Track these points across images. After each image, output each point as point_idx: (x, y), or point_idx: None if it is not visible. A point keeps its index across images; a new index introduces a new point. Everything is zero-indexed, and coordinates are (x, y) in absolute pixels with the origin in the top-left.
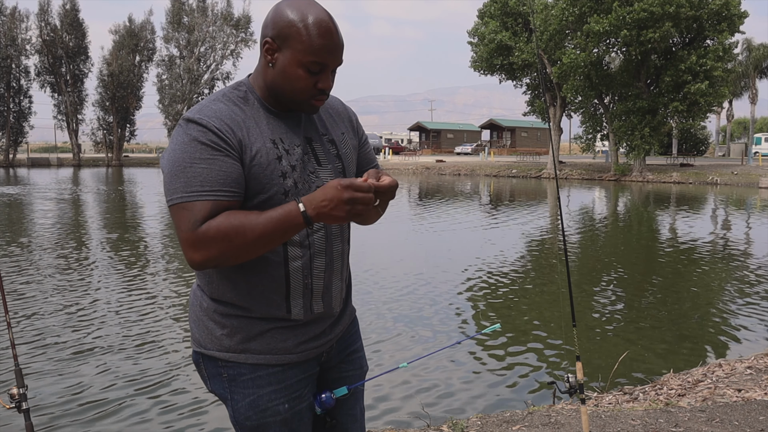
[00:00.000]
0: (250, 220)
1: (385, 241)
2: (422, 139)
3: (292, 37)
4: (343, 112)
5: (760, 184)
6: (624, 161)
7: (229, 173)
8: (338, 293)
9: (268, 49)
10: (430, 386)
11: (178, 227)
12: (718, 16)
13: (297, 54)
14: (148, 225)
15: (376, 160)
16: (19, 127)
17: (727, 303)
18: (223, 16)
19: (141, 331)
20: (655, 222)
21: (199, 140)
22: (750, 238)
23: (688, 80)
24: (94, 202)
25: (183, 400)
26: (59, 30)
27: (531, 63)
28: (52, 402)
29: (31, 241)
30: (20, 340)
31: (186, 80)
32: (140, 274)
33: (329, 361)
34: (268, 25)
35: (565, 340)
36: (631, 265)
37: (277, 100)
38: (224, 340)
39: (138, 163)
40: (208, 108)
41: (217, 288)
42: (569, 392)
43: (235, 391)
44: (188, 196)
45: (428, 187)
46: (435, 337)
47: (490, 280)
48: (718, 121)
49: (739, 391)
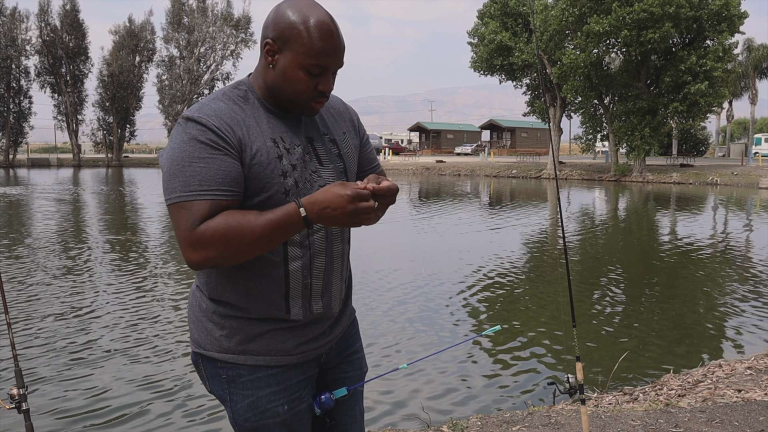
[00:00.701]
0: (249, 221)
1: (384, 241)
2: (422, 139)
3: (293, 40)
4: (344, 112)
5: (760, 184)
6: (624, 162)
7: (228, 172)
8: (338, 294)
9: (268, 51)
10: (430, 387)
11: (176, 226)
12: (717, 17)
13: (298, 56)
14: (149, 226)
15: (377, 160)
16: (19, 128)
17: (727, 303)
18: (223, 17)
19: (141, 331)
20: (655, 222)
21: (198, 139)
22: (750, 239)
23: (688, 81)
24: (94, 203)
25: (183, 400)
26: (59, 30)
27: (531, 63)
28: (52, 402)
29: (31, 242)
30: (20, 341)
31: (186, 81)
32: (141, 274)
33: (329, 362)
34: (269, 26)
35: (565, 340)
36: (631, 266)
37: (277, 101)
38: (223, 341)
39: (138, 163)
40: (207, 107)
41: (215, 288)
42: (569, 393)
43: (234, 392)
44: (187, 196)
45: (428, 187)
46: (435, 338)
47: (490, 280)
48: (718, 121)
49: (739, 391)
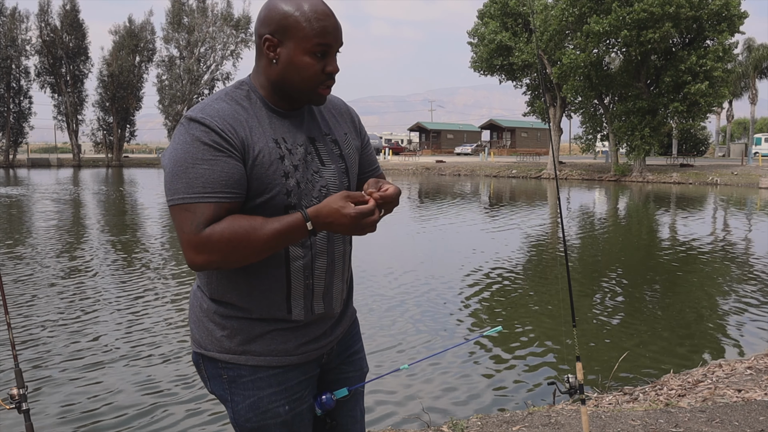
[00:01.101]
0: (255, 228)
1: (385, 242)
2: (422, 139)
3: (292, 28)
4: (345, 113)
5: (760, 184)
6: (624, 161)
7: (231, 174)
8: (339, 294)
9: (269, 47)
10: (431, 387)
11: (179, 228)
12: (717, 17)
13: (301, 42)
14: (149, 226)
15: (377, 162)
16: (19, 128)
17: (727, 303)
18: (223, 17)
19: (142, 331)
20: (655, 222)
21: (201, 140)
22: (750, 239)
23: (688, 80)
24: (95, 203)
25: (184, 401)
26: (59, 30)
27: (531, 63)
28: (52, 402)
29: (31, 242)
30: (21, 341)
31: (186, 81)
32: (141, 274)
33: (330, 363)
34: (264, 23)
35: (565, 340)
36: (631, 266)
37: (282, 97)
38: (224, 342)
39: (138, 163)
40: (210, 107)
41: (217, 288)
42: (569, 392)
43: (235, 392)
44: (190, 198)
45: (428, 187)
46: (436, 338)
47: (491, 280)
48: (718, 121)
49: (739, 391)
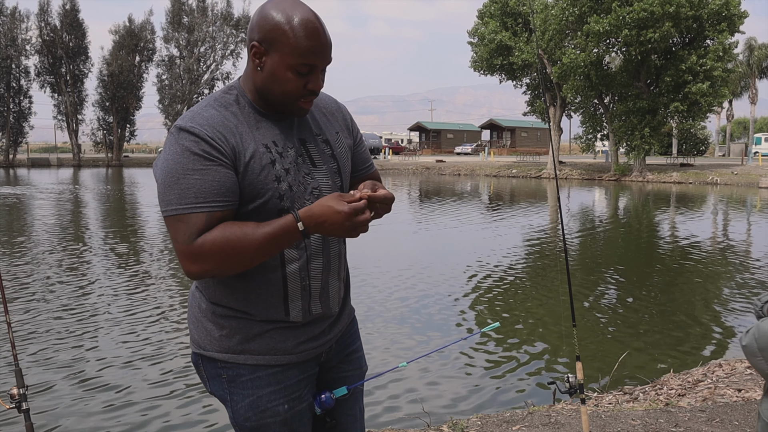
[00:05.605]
0: (246, 234)
1: (384, 241)
2: (422, 139)
3: (279, 41)
4: (336, 112)
5: (760, 184)
6: (624, 161)
7: (222, 183)
8: (336, 293)
9: (255, 53)
10: (430, 386)
11: (174, 239)
12: (718, 16)
13: (285, 57)
14: (149, 226)
15: (371, 160)
16: (19, 128)
17: (727, 303)
18: (223, 17)
19: (142, 332)
20: (655, 222)
21: (191, 150)
22: (750, 238)
23: (688, 80)
24: (95, 203)
25: (183, 401)
26: (59, 30)
27: (531, 63)
28: (52, 401)
29: (32, 242)
30: (21, 341)
31: (186, 80)
32: (141, 275)
33: (328, 362)
34: (254, 29)
35: (565, 340)
36: (631, 265)
37: (268, 103)
38: (223, 341)
39: (138, 163)
40: (200, 115)
41: (214, 292)
42: (569, 392)
43: (234, 392)
44: (183, 208)
45: (428, 187)
46: (434, 336)
47: (490, 280)
48: (718, 121)
49: (739, 391)
